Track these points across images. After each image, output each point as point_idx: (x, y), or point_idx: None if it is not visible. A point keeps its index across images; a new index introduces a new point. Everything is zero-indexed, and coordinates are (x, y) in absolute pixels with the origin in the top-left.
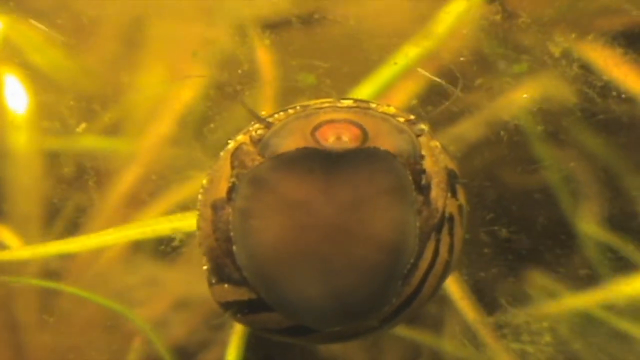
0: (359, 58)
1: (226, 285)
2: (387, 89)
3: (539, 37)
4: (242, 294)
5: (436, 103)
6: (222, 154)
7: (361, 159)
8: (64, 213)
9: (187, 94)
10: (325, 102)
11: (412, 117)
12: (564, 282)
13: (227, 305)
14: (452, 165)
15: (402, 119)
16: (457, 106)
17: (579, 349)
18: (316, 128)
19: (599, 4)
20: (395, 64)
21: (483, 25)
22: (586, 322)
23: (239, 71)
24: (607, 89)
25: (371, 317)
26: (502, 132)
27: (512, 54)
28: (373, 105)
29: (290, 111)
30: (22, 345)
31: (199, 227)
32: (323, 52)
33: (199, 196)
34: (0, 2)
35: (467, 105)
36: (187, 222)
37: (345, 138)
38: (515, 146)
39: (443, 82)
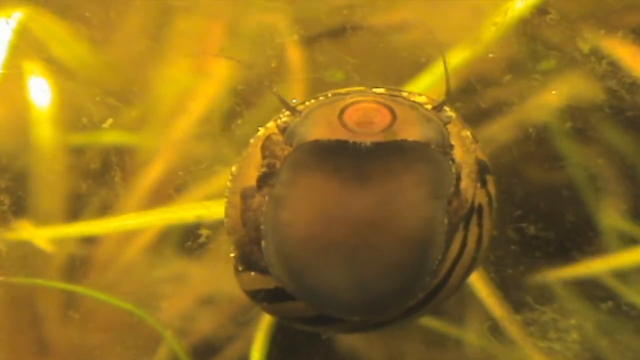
0: (388, 54)
1: (253, 273)
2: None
3: (567, 33)
4: (268, 282)
5: (465, 100)
6: (251, 141)
7: (392, 152)
8: (89, 209)
9: (213, 89)
10: (356, 89)
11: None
12: (591, 280)
13: (253, 293)
14: (482, 156)
15: (429, 107)
16: (486, 103)
17: (605, 347)
18: (343, 110)
19: (628, 0)
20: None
21: (512, 22)
22: (613, 319)
23: (269, 67)
24: (636, 86)
25: (396, 310)
26: (530, 129)
27: (541, 51)
28: (404, 94)
29: (322, 98)
30: (47, 342)
31: (227, 215)
32: (352, 47)
33: (228, 183)
34: None
35: (496, 102)
36: (214, 209)
37: (372, 119)
38: (543, 143)
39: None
